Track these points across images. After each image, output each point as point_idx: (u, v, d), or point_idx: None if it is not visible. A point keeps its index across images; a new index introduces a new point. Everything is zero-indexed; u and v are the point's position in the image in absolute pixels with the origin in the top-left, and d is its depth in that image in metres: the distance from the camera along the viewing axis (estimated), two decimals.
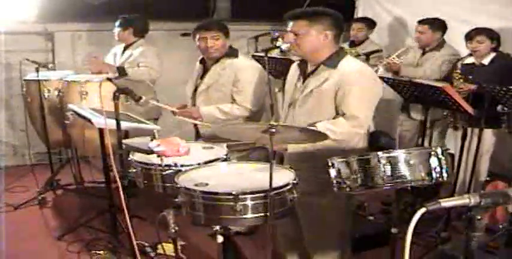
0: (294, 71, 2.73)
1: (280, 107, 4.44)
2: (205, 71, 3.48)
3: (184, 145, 2.73)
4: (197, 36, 3.35)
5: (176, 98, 4.10)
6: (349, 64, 2.50)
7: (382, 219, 3.82)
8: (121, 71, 4.19)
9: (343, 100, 2.43)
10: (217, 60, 3.40)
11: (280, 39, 4.30)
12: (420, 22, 4.27)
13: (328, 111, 2.49)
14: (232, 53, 3.41)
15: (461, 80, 3.80)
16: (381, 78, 3.03)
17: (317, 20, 2.47)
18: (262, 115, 3.54)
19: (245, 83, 3.32)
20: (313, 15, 2.48)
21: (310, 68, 2.58)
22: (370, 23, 5.00)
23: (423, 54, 4.33)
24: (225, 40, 3.35)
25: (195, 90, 3.49)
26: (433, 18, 4.25)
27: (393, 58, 4.18)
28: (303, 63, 2.64)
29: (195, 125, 3.49)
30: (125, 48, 4.49)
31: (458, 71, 3.86)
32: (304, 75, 2.60)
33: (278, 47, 4.18)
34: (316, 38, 2.47)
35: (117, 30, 4.43)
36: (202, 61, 3.52)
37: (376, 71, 3.87)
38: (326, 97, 2.47)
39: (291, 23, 2.52)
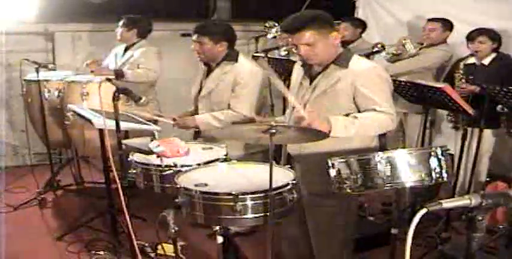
0: (297, 71, 2.70)
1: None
2: (208, 72, 3.47)
3: (184, 146, 2.74)
4: None
5: (176, 99, 4.11)
6: (360, 63, 2.50)
7: (382, 220, 3.83)
8: (118, 74, 4.18)
9: (366, 98, 2.42)
10: (218, 64, 3.38)
11: (274, 27, 4.32)
12: (431, 20, 4.20)
13: (344, 111, 2.47)
14: (232, 56, 3.34)
15: (463, 80, 3.80)
16: None
17: (320, 25, 2.42)
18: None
19: (243, 88, 3.29)
20: (314, 22, 2.42)
21: (317, 68, 2.56)
22: (357, 23, 4.98)
23: (420, 49, 4.29)
24: (213, 45, 3.27)
25: (198, 93, 3.48)
26: (443, 18, 4.19)
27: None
28: (306, 64, 2.62)
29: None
30: (126, 49, 4.48)
31: (460, 71, 3.86)
32: (311, 76, 2.59)
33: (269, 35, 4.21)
34: (329, 42, 2.45)
35: (120, 30, 4.39)
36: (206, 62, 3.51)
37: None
38: (342, 96, 2.45)
39: (297, 36, 2.43)
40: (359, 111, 2.46)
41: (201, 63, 3.50)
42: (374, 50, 4.30)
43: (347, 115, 2.44)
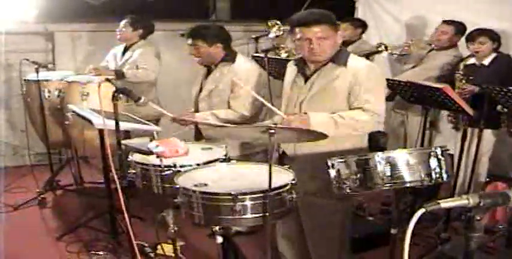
0: (291, 70, 2.71)
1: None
2: (208, 73, 3.48)
3: (183, 146, 2.74)
4: None
5: (177, 99, 4.11)
6: (358, 61, 2.55)
7: (382, 220, 3.82)
8: (119, 74, 4.19)
9: (359, 95, 2.46)
10: (216, 65, 3.39)
11: (276, 26, 4.34)
12: (445, 22, 4.11)
13: (341, 109, 2.49)
14: (229, 57, 3.37)
15: (464, 81, 3.79)
16: None
17: (332, 22, 2.49)
18: (258, 118, 3.50)
19: (241, 88, 3.30)
20: (328, 18, 2.49)
21: (313, 67, 2.58)
22: (358, 23, 4.97)
23: (429, 50, 4.24)
24: (208, 47, 3.31)
25: (199, 94, 3.49)
26: (458, 21, 4.10)
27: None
28: (300, 63, 2.63)
29: (196, 126, 3.49)
30: (125, 49, 4.48)
31: (461, 72, 3.85)
32: (305, 75, 2.59)
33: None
34: (336, 39, 2.52)
35: (124, 30, 4.39)
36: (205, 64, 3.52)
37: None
38: (339, 94, 2.49)
39: (313, 29, 2.43)
40: (350, 109, 2.49)
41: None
42: (377, 50, 4.31)
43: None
